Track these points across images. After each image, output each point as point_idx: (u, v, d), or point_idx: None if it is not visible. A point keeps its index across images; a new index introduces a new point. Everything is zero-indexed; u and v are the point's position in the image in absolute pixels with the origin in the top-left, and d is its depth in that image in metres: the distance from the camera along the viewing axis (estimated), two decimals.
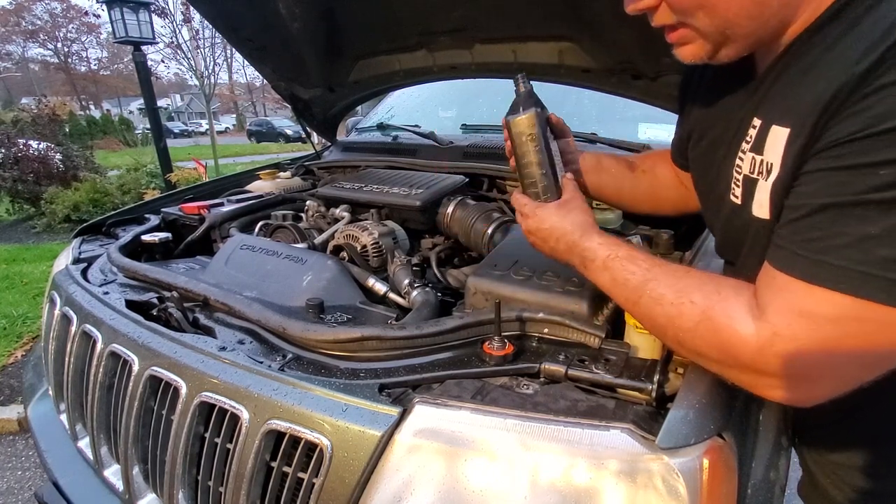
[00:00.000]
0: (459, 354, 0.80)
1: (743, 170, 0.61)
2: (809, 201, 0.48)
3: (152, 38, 5.75)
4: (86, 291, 1.12)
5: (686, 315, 0.56)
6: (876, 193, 0.43)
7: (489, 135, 1.87)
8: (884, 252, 0.43)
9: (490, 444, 0.63)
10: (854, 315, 0.45)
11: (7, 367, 2.71)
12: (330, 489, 0.68)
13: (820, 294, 0.46)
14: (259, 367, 0.78)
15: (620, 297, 0.65)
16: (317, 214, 1.57)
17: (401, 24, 1.47)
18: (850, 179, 0.45)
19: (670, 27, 0.59)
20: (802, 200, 0.49)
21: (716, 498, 0.57)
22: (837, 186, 0.46)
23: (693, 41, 0.58)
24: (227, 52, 11.06)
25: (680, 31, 0.58)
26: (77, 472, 1.06)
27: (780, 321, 0.48)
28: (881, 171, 0.43)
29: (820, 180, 0.48)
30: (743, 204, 0.62)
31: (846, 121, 0.46)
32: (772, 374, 0.50)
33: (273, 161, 2.43)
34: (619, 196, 0.98)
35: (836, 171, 0.46)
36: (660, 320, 0.59)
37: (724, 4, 0.52)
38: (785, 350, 0.48)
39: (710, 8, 0.53)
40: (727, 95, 0.68)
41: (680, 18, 0.57)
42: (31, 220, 6.00)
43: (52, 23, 28.05)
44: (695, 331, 0.55)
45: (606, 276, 0.67)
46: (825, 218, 0.47)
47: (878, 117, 0.43)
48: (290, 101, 1.99)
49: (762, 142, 0.57)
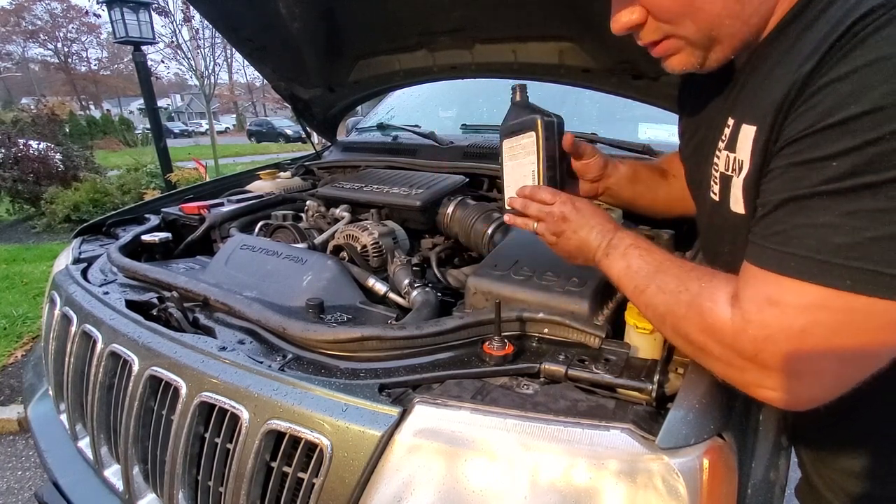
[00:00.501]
0: (459, 354, 0.80)
1: (719, 167, 0.64)
2: (773, 197, 0.51)
3: (152, 38, 5.74)
4: (86, 291, 1.12)
5: (681, 301, 0.58)
6: (830, 184, 0.45)
7: (489, 135, 1.87)
8: (839, 239, 0.45)
9: (490, 444, 0.63)
10: (820, 303, 0.46)
11: (7, 367, 2.71)
12: (330, 489, 0.68)
13: (787, 284, 0.48)
14: (259, 367, 0.78)
15: (630, 284, 0.66)
16: (317, 214, 1.57)
17: (401, 24, 1.47)
18: (805, 174, 0.47)
19: (655, 42, 0.61)
20: (767, 197, 0.52)
21: (716, 498, 0.57)
22: (795, 181, 0.48)
23: (681, 50, 0.61)
24: (227, 52, 11.06)
25: (665, 44, 0.61)
26: (77, 472, 1.06)
27: (750, 307, 0.50)
28: (833, 162, 0.45)
29: (779, 177, 0.50)
30: (721, 201, 0.64)
31: (798, 119, 0.48)
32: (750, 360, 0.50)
33: (273, 161, 2.43)
34: (653, 204, 0.99)
35: (793, 167, 0.49)
36: (660, 308, 0.61)
37: (708, 7, 0.55)
38: (757, 336, 0.49)
39: (695, 13, 0.56)
40: (710, 96, 0.71)
41: (667, 30, 0.59)
42: (31, 220, 6.00)
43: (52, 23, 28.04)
44: (685, 316, 0.57)
45: (623, 263, 0.67)
46: (786, 212, 0.49)
47: (824, 113, 0.45)
48: (290, 101, 1.99)
49: (735, 140, 0.59)
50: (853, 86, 0.44)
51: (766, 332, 0.49)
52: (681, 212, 0.98)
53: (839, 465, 0.75)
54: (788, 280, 0.48)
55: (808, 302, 0.47)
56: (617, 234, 0.71)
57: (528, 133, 0.81)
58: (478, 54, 1.50)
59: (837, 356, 0.48)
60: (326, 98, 1.96)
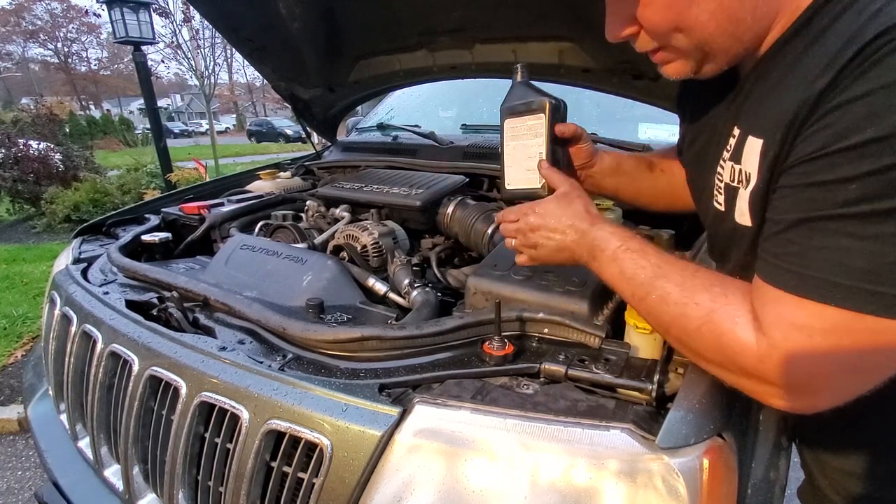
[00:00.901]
0: (459, 354, 0.80)
1: (724, 178, 0.63)
2: (785, 216, 0.50)
3: (152, 38, 5.74)
4: (86, 291, 1.12)
5: (690, 316, 0.56)
6: (847, 208, 0.45)
7: (489, 135, 1.87)
8: (861, 263, 0.44)
9: (490, 444, 0.63)
10: (845, 326, 0.46)
11: (7, 367, 2.71)
12: (330, 489, 0.68)
13: (811, 307, 0.47)
14: (259, 367, 0.78)
15: (626, 291, 0.65)
16: (317, 214, 1.57)
17: (401, 24, 1.47)
18: (820, 195, 0.47)
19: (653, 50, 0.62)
20: (780, 215, 0.51)
21: (716, 498, 0.57)
22: (809, 202, 0.47)
23: (675, 60, 0.61)
24: (227, 52, 11.05)
25: (661, 54, 0.62)
26: (77, 472, 1.06)
27: (776, 334, 0.49)
28: (850, 185, 0.44)
29: (792, 196, 0.49)
30: (726, 211, 0.63)
31: (811, 138, 0.47)
32: (771, 383, 0.50)
33: (273, 161, 2.43)
34: (636, 196, 0.98)
35: (806, 188, 0.48)
36: (664, 318, 0.59)
37: (700, 24, 0.55)
38: (782, 361, 0.49)
39: (687, 29, 0.56)
40: (713, 102, 0.70)
41: (659, 42, 0.60)
42: (31, 220, 6.00)
43: (52, 23, 28.05)
44: (698, 332, 0.55)
45: (615, 269, 0.65)
46: (800, 233, 0.48)
47: (840, 134, 0.44)
48: (290, 101, 1.99)
49: (740, 151, 0.58)
50: (869, 108, 0.43)
51: (791, 358, 0.48)
52: (665, 205, 0.98)
53: (845, 466, 0.75)
54: (811, 303, 0.47)
55: (831, 325, 0.46)
56: (596, 234, 0.69)
57: (537, 114, 0.81)
58: (478, 54, 1.50)
59: (853, 373, 0.48)
60: (326, 98, 1.97)
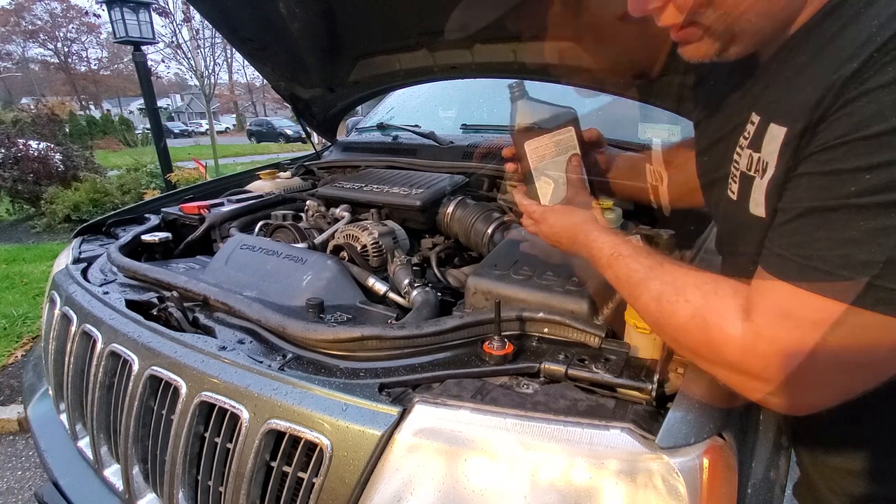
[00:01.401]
0: (459, 354, 0.80)
1: (740, 166, 0.61)
2: (796, 205, 0.49)
3: (152, 38, 5.75)
4: (86, 291, 1.12)
5: (680, 313, 0.57)
6: (858, 198, 0.44)
7: (489, 135, 1.87)
8: (864, 257, 0.44)
9: (490, 443, 0.63)
10: (837, 319, 0.45)
11: (7, 367, 2.71)
12: (330, 489, 0.68)
13: (803, 297, 0.47)
14: (259, 367, 0.78)
15: (623, 292, 0.68)
16: (317, 214, 1.57)
17: (401, 23, 1.47)
18: (833, 183, 0.45)
19: (677, 26, 0.58)
20: (790, 204, 0.50)
21: (716, 497, 0.57)
22: (821, 190, 0.46)
23: (700, 39, 0.57)
24: (227, 52, 11.06)
25: (687, 30, 0.57)
26: (77, 472, 1.06)
27: (763, 322, 0.49)
28: (866, 175, 0.43)
29: (806, 183, 0.48)
30: (739, 200, 0.61)
31: (833, 124, 0.46)
32: (756, 377, 0.50)
33: (273, 161, 2.43)
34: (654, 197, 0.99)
35: (821, 176, 0.47)
36: (657, 317, 0.60)
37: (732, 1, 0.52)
38: (767, 351, 0.48)
39: (720, 3, 0.53)
40: (729, 86, 0.68)
41: (688, 17, 0.56)
42: (31, 220, 5.99)
43: (52, 23, 28.02)
44: (686, 328, 0.56)
45: (610, 274, 0.69)
46: (809, 222, 0.47)
47: (863, 121, 0.43)
48: (290, 101, 1.99)
49: (760, 139, 0.56)
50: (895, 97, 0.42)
51: (777, 347, 0.48)
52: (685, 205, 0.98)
53: (843, 465, 0.75)
54: (804, 293, 0.46)
55: (823, 317, 0.46)
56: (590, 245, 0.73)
57: (565, 128, 0.80)
58: (478, 54, 1.50)
59: (846, 370, 0.47)
60: (326, 98, 1.96)
